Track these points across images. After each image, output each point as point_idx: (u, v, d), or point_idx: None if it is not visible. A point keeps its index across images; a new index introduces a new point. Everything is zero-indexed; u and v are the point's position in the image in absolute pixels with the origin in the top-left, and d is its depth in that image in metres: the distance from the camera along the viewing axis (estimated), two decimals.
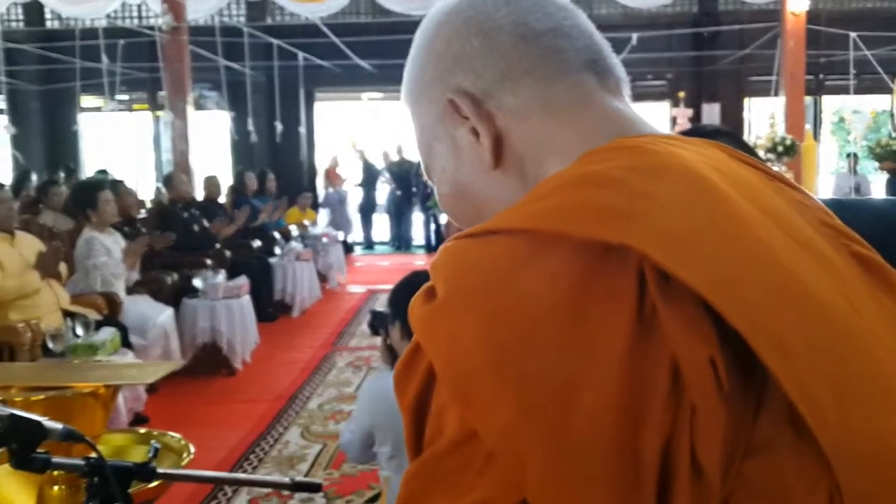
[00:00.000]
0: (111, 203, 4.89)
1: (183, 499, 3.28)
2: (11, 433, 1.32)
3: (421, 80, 0.69)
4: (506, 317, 0.51)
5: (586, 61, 0.66)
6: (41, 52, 10.55)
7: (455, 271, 0.55)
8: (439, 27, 0.68)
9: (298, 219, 8.99)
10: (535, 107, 0.64)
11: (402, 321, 2.09)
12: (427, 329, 0.54)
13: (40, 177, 9.33)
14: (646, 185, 0.55)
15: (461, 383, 0.52)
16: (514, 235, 0.54)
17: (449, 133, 0.66)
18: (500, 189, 0.65)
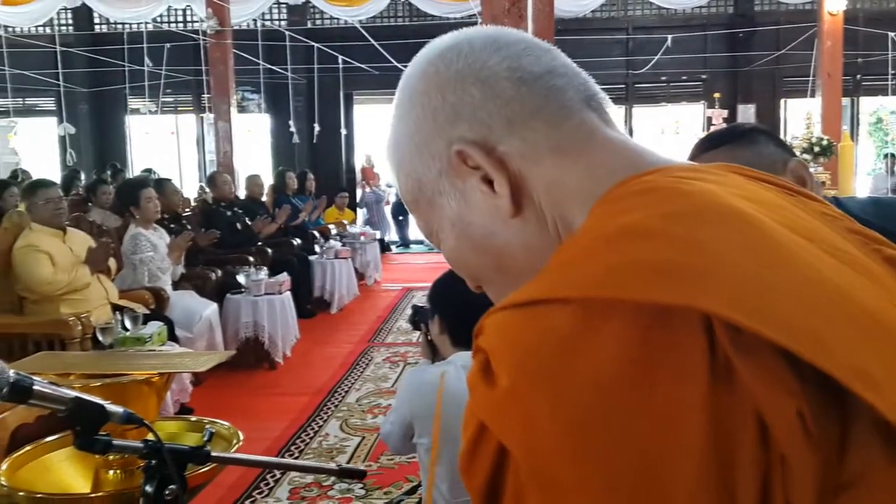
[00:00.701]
0: (153, 200, 5.05)
1: (226, 488, 3.40)
2: (76, 415, 1.41)
3: (416, 136, 0.66)
4: (577, 396, 0.49)
5: (584, 98, 0.66)
6: (90, 55, 10.87)
7: (515, 352, 0.52)
8: (428, 80, 0.66)
9: (337, 218, 9.14)
10: (546, 149, 0.63)
11: (442, 316, 2.15)
12: (499, 416, 0.52)
13: (88, 176, 9.62)
14: (690, 233, 0.52)
15: (545, 470, 0.49)
16: (565, 305, 0.51)
17: (456, 186, 0.65)
18: (521, 237, 0.64)
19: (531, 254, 0.63)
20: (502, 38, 0.66)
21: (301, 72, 11.08)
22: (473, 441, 0.54)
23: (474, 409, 0.54)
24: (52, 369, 1.68)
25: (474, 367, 0.56)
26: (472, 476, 0.55)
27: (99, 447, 1.40)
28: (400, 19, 11.65)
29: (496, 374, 0.53)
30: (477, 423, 0.54)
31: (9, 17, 9.86)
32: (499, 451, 0.52)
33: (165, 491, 1.41)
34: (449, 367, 2.13)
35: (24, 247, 4.16)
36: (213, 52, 7.49)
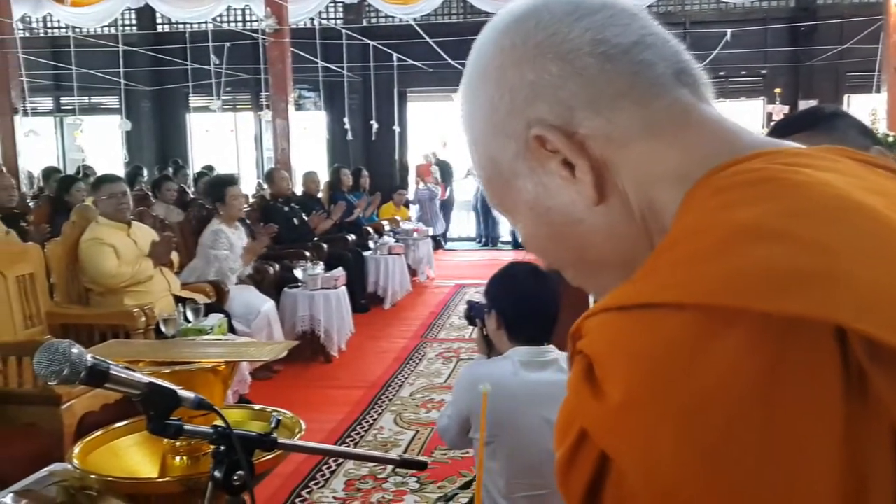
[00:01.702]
0: (239, 198, 5.19)
1: (284, 478, 3.47)
2: (150, 400, 1.45)
3: (492, 116, 0.62)
4: (704, 414, 0.46)
5: (676, 72, 0.60)
6: (153, 54, 11.17)
7: (629, 362, 0.49)
8: (505, 55, 0.61)
9: (392, 214, 9.22)
10: (635, 130, 0.58)
11: (500, 311, 2.16)
12: (609, 430, 0.49)
13: (151, 172, 9.90)
14: (817, 236, 0.48)
15: (668, 491, 0.47)
16: (682, 311, 0.48)
17: (534, 170, 0.61)
18: (603, 223, 0.60)
19: (614, 242, 0.60)
20: (584, 5, 0.60)
21: (356, 70, 11.19)
22: (573, 449, 0.52)
23: (575, 416, 0.52)
24: (123, 356, 1.74)
25: (575, 371, 0.53)
26: (570, 485, 0.52)
27: (171, 431, 1.44)
28: (454, 17, 11.67)
29: (604, 383, 0.50)
30: (578, 432, 0.51)
31: (76, 18, 10.19)
32: (600, 461, 0.50)
33: (233, 476, 1.43)
34: (506, 363, 2.14)
35: (90, 240, 4.30)
36: (272, 50, 7.63)
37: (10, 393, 3.51)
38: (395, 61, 10.80)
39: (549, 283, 2.17)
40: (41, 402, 3.48)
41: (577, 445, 0.51)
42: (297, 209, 6.91)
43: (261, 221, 6.37)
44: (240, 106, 12.41)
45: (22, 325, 3.98)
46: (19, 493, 2.33)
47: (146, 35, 11.94)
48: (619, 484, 0.49)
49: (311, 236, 6.78)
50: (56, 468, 2.49)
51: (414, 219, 10.41)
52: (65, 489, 2.24)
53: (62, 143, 13.27)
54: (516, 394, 2.10)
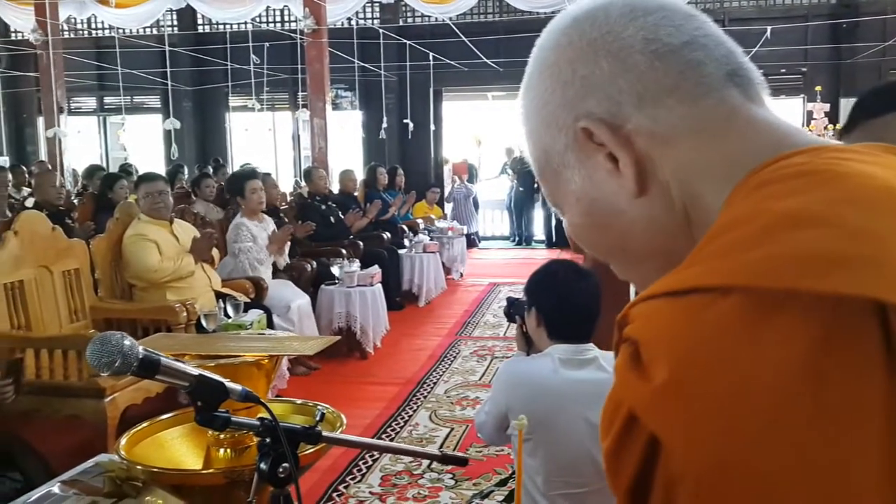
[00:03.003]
0: (258, 192, 5.24)
1: (321, 473, 3.51)
2: (199, 391, 1.48)
3: (545, 108, 0.65)
4: (750, 394, 0.47)
5: (727, 73, 0.62)
6: (194, 54, 11.35)
7: (676, 343, 0.50)
8: (560, 51, 0.64)
9: (426, 213, 9.25)
10: (681, 128, 0.60)
11: (539, 309, 2.16)
12: (656, 411, 0.50)
13: (191, 170, 10.06)
14: (860, 221, 0.50)
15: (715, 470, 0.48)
16: (728, 295, 0.49)
17: (581, 161, 0.63)
18: (644, 217, 0.61)
19: (655, 235, 0.62)
20: (640, 6, 0.63)
21: (392, 69, 11.25)
22: (621, 434, 0.53)
23: (622, 401, 0.53)
24: (169, 349, 1.78)
25: (622, 357, 0.54)
26: (619, 469, 0.53)
27: (219, 423, 1.46)
28: (490, 15, 11.66)
29: (650, 366, 0.51)
30: (626, 415, 0.52)
31: (119, 19, 10.39)
32: (649, 445, 0.51)
33: (279, 468, 1.45)
34: (545, 361, 2.14)
35: (133, 236, 4.39)
36: (310, 50, 7.70)
37: (56, 385, 3.60)
38: (431, 60, 10.83)
39: (590, 282, 2.17)
40: (85, 395, 3.56)
41: (626, 430, 0.52)
42: (333, 207, 6.97)
43: (298, 219, 6.44)
44: (278, 105, 12.54)
45: (67, 319, 4.08)
46: (67, 482, 2.39)
47: (187, 35, 12.13)
48: (669, 465, 0.50)
49: (348, 234, 6.84)
50: (102, 459, 2.55)
51: (448, 217, 10.43)
52: (111, 479, 2.29)
53: (105, 141, 13.56)
54: (555, 392, 2.10)
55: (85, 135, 13.01)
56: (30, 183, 8.88)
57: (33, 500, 2.30)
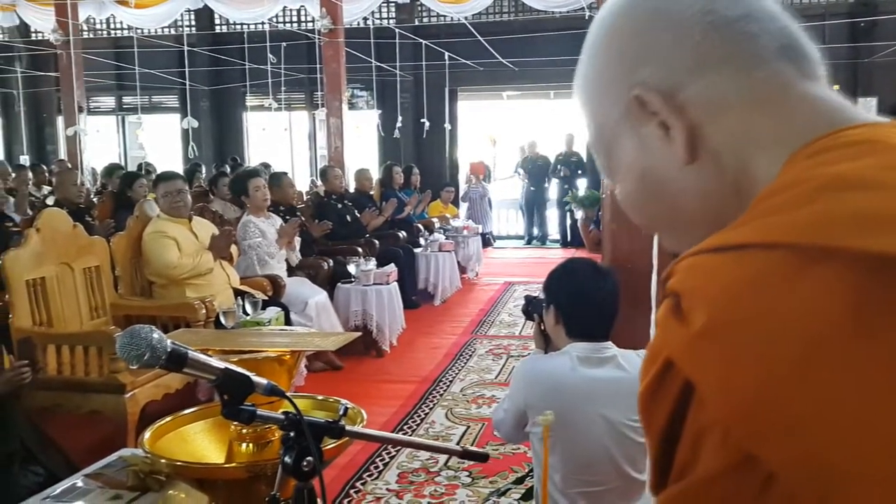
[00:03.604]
0: (261, 189, 5.28)
1: (339, 469, 3.54)
2: (225, 384, 1.50)
3: (601, 78, 0.67)
4: (785, 341, 0.48)
5: (781, 46, 0.62)
6: (211, 54, 11.43)
7: (715, 293, 0.52)
8: (620, 21, 0.66)
9: (441, 212, 9.27)
10: (733, 98, 0.61)
11: (557, 306, 2.17)
12: (692, 355, 0.52)
13: (209, 169, 10.13)
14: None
15: (745, 414, 0.49)
16: (770, 250, 0.51)
17: (635, 130, 0.64)
18: (695, 185, 0.62)
19: (704, 203, 0.62)
20: None
21: (408, 68, 11.28)
22: (657, 378, 0.54)
23: (661, 348, 0.54)
24: (193, 344, 1.80)
25: (663, 308, 0.55)
26: (651, 417, 0.55)
27: (245, 416, 1.48)
28: (506, 15, 11.66)
29: (689, 313, 0.52)
30: (663, 361, 0.54)
31: (138, 19, 10.48)
32: (683, 390, 0.52)
33: (303, 462, 1.47)
34: (563, 358, 2.15)
35: (152, 233, 4.44)
36: (327, 50, 7.74)
37: (77, 381, 3.65)
38: (447, 60, 10.85)
39: (609, 280, 2.17)
40: (106, 391, 3.60)
41: (662, 375, 0.54)
42: (349, 206, 7.01)
43: (315, 218, 6.48)
44: (294, 105, 12.61)
45: (88, 315, 4.13)
46: (91, 476, 2.43)
47: (205, 35, 12.22)
48: (700, 413, 0.51)
49: (364, 233, 6.87)
50: (125, 453, 2.59)
51: (463, 217, 10.44)
52: (135, 473, 2.33)
53: (123, 140, 13.68)
54: (573, 390, 2.11)
55: (104, 134, 13.13)
56: (50, 181, 8.98)
57: (58, 492, 2.34)
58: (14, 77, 12.11)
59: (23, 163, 10.06)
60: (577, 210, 10.61)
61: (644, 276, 2.60)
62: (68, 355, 3.67)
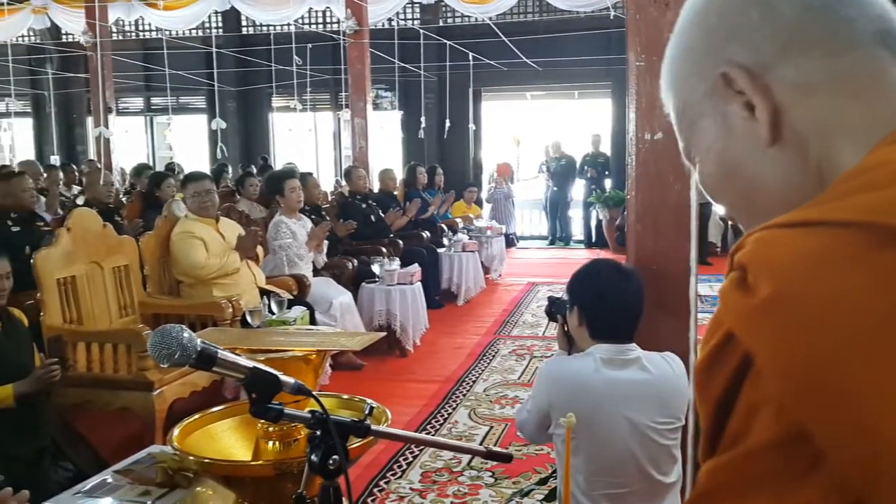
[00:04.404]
0: (296, 190, 5.33)
1: (363, 468, 3.56)
2: (253, 383, 1.53)
3: (688, 56, 0.66)
4: (847, 316, 0.48)
5: (878, 32, 0.60)
6: (238, 56, 11.54)
7: (782, 266, 0.52)
8: (711, 1, 0.65)
9: (464, 212, 9.28)
10: (822, 80, 0.59)
11: (581, 307, 2.17)
12: (753, 326, 0.52)
13: (235, 169, 10.23)
14: None
15: (800, 386, 0.49)
16: (844, 228, 0.51)
17: (719, 109, 0.63)
18: (776, 168, 0.61)
19: (784, 188, 0.61)
20: None
21: (432, 69, 11.30)
22: (716, 349, 0.54)
23: (722, 320, 0.54)
24: (221, 343, 1.83)
25: (728, 280, 0.55)
26: (707, 386, 0.55)
27: (272, 414, 1.50)
28: (530, 15, 11.64)
29: (755, 285, 0.52)
30: (724, 332, 0.53)
31: (166, 21, 10.61)
32: (742, 361, 0.52)
33: (329, 461, 1.49)
34: (587, 360, 2.15)
35: (180, 233, 4.50)
36: (352, 51, 7.79)
37: (106, 379, 3.71)
38: (471, 60, 10.85)
39: (633, 281, 2.17)
40: (135, 388, 3.66)
41: (722, 346, 0.54)
42: (374, 206, 7.04)
43: (339, 218, 6.52)
44: (319, 105, 12.69)
45: (117, 314, 4.20)
46: (120, 472, 2.47)
47: (232, 37, 12.34)
48: (756, 386, 0.51)
49: (388, 233, 6.90)
50: (154, 450, 2.63)
51: (486, 217, 10.44)
52: (163, 470, 2.36)
53: (152, 141, 13.86)
54: (597, 391, 2.11)
55: (132, 134, 13.31)
56: (80, 181, 9.12)
57: (88, 488, 2.38)
58: (45, 78, 12.31)
59: (53, 163, 10.23)
60: (602, 210, 10.57)
61: (669, 278, 2.59)
62: (98, 353, 3.74)
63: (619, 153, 10.57)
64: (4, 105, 13.73)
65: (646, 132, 2.59)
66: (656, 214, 2.60)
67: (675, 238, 2.58)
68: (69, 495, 2.32)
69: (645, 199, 2.61)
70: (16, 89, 10.74)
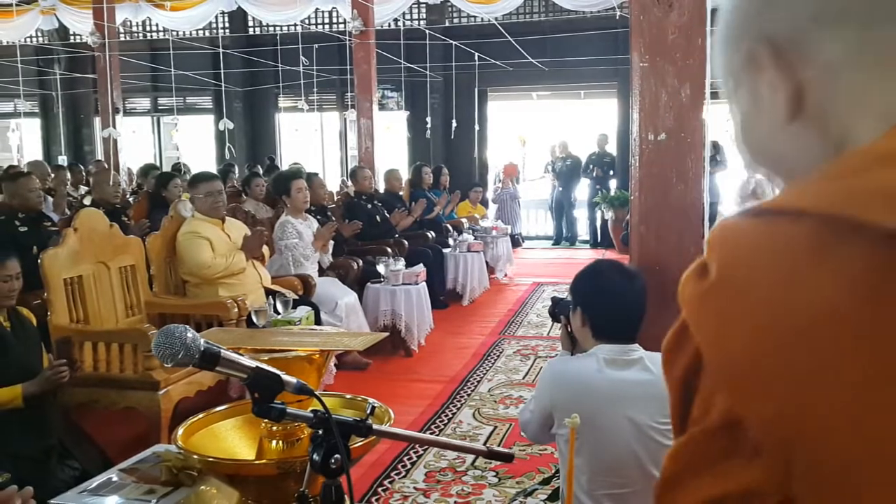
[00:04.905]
0: (303, 191, 5.35)
1: (367, 467, 3.57)
2: (256, 383, 1.54)
3: (728, 27, 0.65)
4: (783, 309, 0.48)
5: None
6: (244, 56, 11.57)
7: (731, 252, 0.53)
8: None
9: (469, 212, 9.28)
10: (853, 57, 0.57)
11: (584, 308, 2.17)
12: (695, 309, 0.53)
13: (241, 170, 10.26)
14: None
15: (727, 370, 0.50)
16: (801, 218, 0.50)
17: (750, 81, 0.63)
18: (797, 144, 0.60)
19: (806, 164, 0.59)
20: None
21: (438, 69, 11.31)
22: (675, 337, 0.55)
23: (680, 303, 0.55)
24: (225, 343, 1.85)
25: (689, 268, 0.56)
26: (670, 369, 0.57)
27: (275, 414, 1.51)
28: (536, 15, 11.64)
29: (707, 271, 0.53)
30: (681, 321, 0.55)
31: (173, 22, 10.66)
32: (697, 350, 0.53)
33: (331, 460, 1.50)
34: (590, 360, 2.15)
35: (187, 233, 4.51)
36: (358, 51, 7.81)
37: (112, 378, 3.73)
38: (477, 60, 10.86)
39: (636, 282, 2.18)
40: (140, 388, 3.68)
41: (680, 333, 0.55)
42: (379, 206, 7.05)
43: (345, 218, 6.54)
44: (325, 106, 12.72)
45: (123, 313, 4.22)
46: (125, 470, 2.49)
47: (238, 37, 12.37)
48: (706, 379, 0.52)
49: (393, 233, 6.91)
50: (158, 449, 2.65)
51: (492, 217, 10.44)
52: (168, 468, 2.38)
53: (159, 141, 13.91)
54: (600, 392, 2.11)
55: (140, 135, 13.37)
56: (87, 181, 9.16)
57: (94, 486, 2.40)
58: (53, 79, 12.38)
59: (61, 163, 10.27)
60: (608, 210, 10.56)
61: (672, 278, 2.60)
62: (104, 352, 3.76)
63: (626, 153, 10.51)
64: (13, 105, 13.80)
65: (649, 133, 2.59)
66: (659, 215, 2.60)
67: (678, 238, 2.59)
68: (75, 493, 2.33)
69: (648, 199, 2.62)
70: (24, 90, 10.79)
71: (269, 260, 5.17)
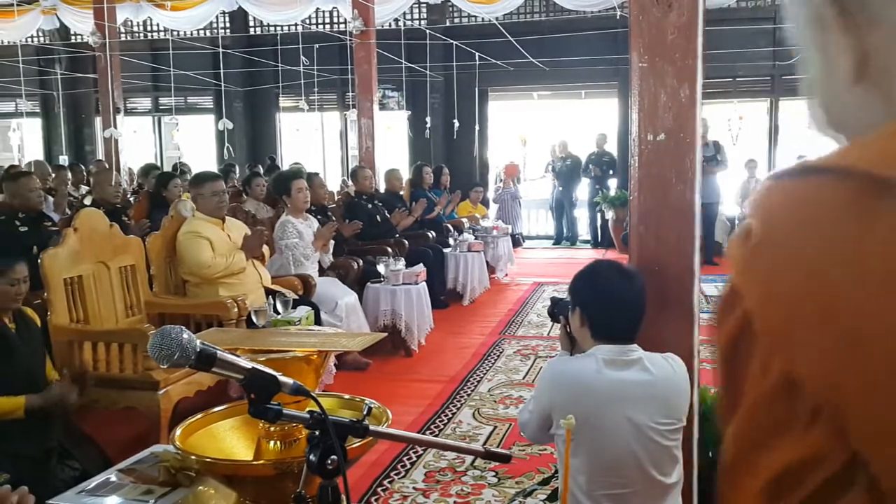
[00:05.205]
0: (303, 191, 5.35)
1: (367, 467, 3.57)
2: (252, 384, 1.54)
3: None
4: (826, 266, 0.48)
5: None
6: (245, 56, 11.57)
7: (773, 212, 0.53)
8: None
9: (470, 212, 9.28)
10: None
11: (582, 308, 2.17)
12: (743, 270, 0.53)
13: (242, 170, 10.27)
14: None
15: (779, 329, 0.50)
16: (842, 177, 0.50)
17: (817, 39, 0.62)
18: (860, 107, 0.59)
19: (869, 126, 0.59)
20: None
21: (438, 69, 11.31)
22: (725, 300, 0.55)
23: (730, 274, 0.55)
24: (223, 343, 1.85)
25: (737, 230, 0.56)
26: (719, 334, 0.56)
27: (271, 415, 1.51)
28: (536, 15, 11.64)
29: (752, 232, 0.53)
30: (730, 286, 0.54)
31: (174, 22, 10.66)
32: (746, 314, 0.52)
33: (327, 461, 1.50)
34: (589, 361, 2.15)
35: (187, 233, 4.52)
36: (358, 51, 7.81)
37: (112, 378, 3.73)
38: (477, 60, 10.86)
39: (635, 282, 2.17)
40: (140, 387, 3.68)
41: (730, 297, 0.54)
42: (379, 206, 7.05)
43: (345, 218, 6.54)
44: (326, 105, 12.71)
45: (123, 313, 4.22)
46: (124, 471, 2.49)
47: (239, 37, 12.37)
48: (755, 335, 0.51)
49: (394, 232, 6.91)
50: (157, 449, 2.65)
51: (492, 217, 10.44)
52: (166, 469, 2.38)
53: (159, 141, 13.92)
54: (599, 392, 2.11)
55: (140, 134, 13.37)
56: (88, 181, 9.17)
57: (92, 486, 2.40)
58: (54, 79, 12.38)
59: (62, 163, 10.28)
60: (608, 210, 10.55)
61: (671, 279, 2.59)
62: (104, 352, 3.76)
63: (626, 153, 10.53)
64: (14, 105, 13.82)
65: (648, 133, 2.59)
66: (658, 215, 2.60)
67: (678, 239, 2.58)
68: (74, 493, 2.34)
69: (647, 200, 2.61)
70: (25, 90, 10.80)
71: (270, 260, 5.18)
